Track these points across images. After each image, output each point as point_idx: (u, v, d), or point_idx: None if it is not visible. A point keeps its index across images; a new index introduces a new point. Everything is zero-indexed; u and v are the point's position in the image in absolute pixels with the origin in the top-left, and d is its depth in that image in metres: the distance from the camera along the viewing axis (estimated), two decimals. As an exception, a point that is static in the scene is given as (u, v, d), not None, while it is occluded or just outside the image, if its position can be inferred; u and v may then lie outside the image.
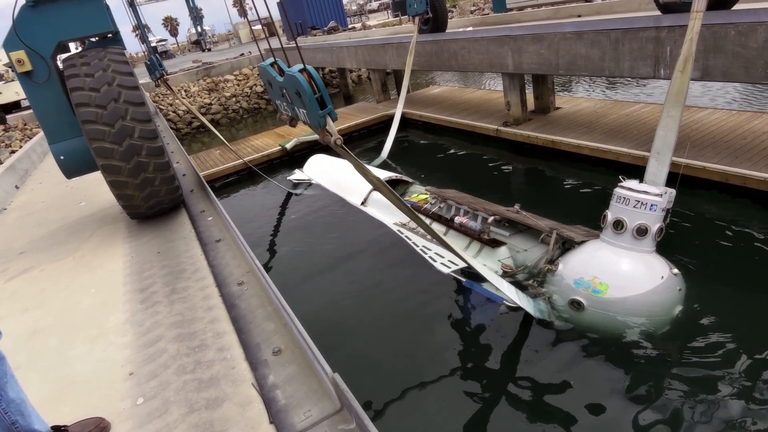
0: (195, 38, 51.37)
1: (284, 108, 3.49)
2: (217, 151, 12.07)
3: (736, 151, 6.41)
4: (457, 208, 6.16)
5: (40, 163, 11.65)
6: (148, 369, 3.16)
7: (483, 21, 16.41)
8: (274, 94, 3.53)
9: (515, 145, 9.12)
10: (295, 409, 2.60)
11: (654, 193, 4.26)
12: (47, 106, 5.29)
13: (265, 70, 3.45)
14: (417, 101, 12.81)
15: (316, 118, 3.00)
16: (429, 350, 4.55)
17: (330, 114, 3.02)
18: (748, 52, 5.37)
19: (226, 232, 5.18)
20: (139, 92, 4.99)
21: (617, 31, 6.65)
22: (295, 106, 3.23)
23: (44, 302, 4.41)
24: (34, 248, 5.82)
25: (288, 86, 3.14)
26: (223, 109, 20.36)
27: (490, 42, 8.97)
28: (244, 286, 3.96)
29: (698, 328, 4.15)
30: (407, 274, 5.76)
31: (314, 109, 2.97)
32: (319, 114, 2.97)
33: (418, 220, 3.77)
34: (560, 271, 4.57)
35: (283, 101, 3.42)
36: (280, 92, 3.34)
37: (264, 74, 3.50)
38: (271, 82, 3.44)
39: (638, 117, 8.43)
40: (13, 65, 4.99)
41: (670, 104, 4.52)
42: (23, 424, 2.32)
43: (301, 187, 9.40)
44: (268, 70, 3.39)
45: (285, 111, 3.51)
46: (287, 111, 3.46)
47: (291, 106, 3.29)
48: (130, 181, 5.07)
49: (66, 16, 5.08)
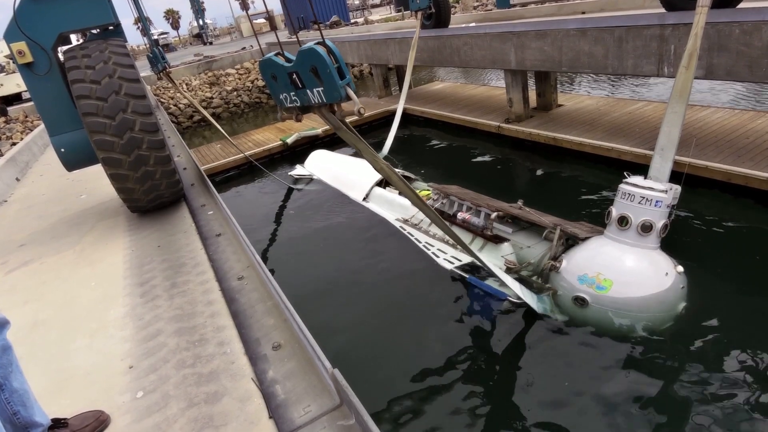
0: (197, 31, 51.15)
1: (290, 101, 3.38)
2: (217, 145, 12.05)
3: (739, 150, 6.40)
4: (460, 204, 6.13)
5: (41, 155, 11.63)
6: (148, 363, 3.15)
7: (486, 17, 16.34)
8: (279, 88, 3.41)
9: (517, 142, 9.10)
10: (294, 404, 2.59)
11: (659, 189, 4.24)
12: (48, 98, 5.27)
13: (268, 62, 3.33)
14: (419, 97, 12.78)
15: (337, 88, 2.92)
16: (430, 346, 4.54)
17: (349, 84, 2.96)
18: (753, 51, 5.35)
19: (226, 226, 5.17)
20: (140, 85, 4.97)
21: (621, 28, 6.62)
22: (307, 90, 3.14)
23: (44, 295, 4.41)
24: (34, 241, 5.82)
25: (301, 66, 3.02)
26: (225, 103, 20.32)
27: (493, 38, 8.94)
28: (244, 281, 3.95)
29: (700, 327, 4.15)
30: (409, 269, 5.75)
31: (334, 80, 2.88)
32: (340, 84, 2.91)
33: (426, 209, 3.68)
34: (564, 268, 4.55)
35: (290, 92, 3.31)
36: (287, 81, 3.24)
37: (267, 68, 3.38)
38: (276, 75, 3.33)
39: (641, 115, 8.41)
40: (14, 56, 4.97)
41: (674, 100, 4.50)
42: (25, 415, 2.32)
43: (302, 182, 9.38)
44: (274, 60, 3.29)
45: (292, 103, 3.39)
46: (295, 102, 3.35)
47: (302, 92, 3.18)
48: (131, 175, 5.06)
49: (67, 8, 5.04)
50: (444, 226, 3.78)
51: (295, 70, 3.11)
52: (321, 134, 11.45)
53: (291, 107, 3.45)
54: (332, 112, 3.20)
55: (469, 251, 4.08)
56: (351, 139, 3.32)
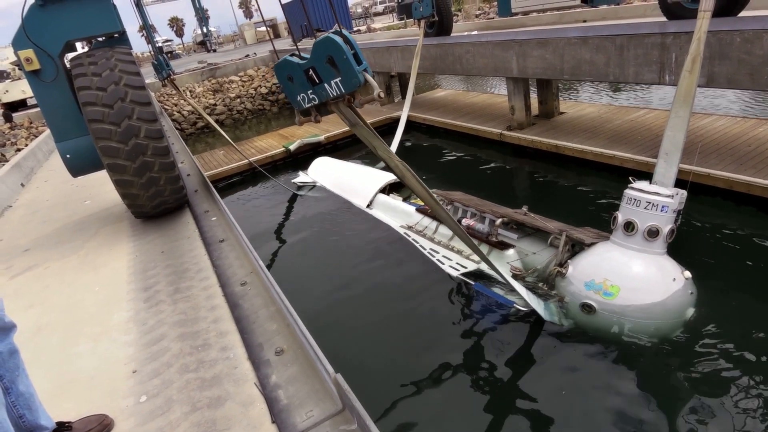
0: (200, 39, 51.47)
1: (308, 100, 3.36)
2: (221, 152, 12.11)
3: (741, 158, 6.41)
4: (464, 210, 6.11)
5: (45, 161, 11.71)
6: (151, 367, 3.17)
7: (488, 25, 16.44)
8: (296, 89, 3.36)
9: (519, 150, 9.12)
10: (297, 409, 2.61)
11: (665, 194, 4.21)
12: (54, 105, 5.34)
13: (284, 64, 3.26)
14: (421, 104, 12.83)
15: (355, 74, 2.92)
16: (434, 352, 4.52)
17: (366, 70, 2.98)
18: (754, 59, 5.38)
19: (229, 232, 5.20)
20: (145, 92, 5.03)
21: (622, 36, 6.66)
22: (325, 84, 3.11)
23: (48, 299, 4.43)
24: (38, 246, 5.85)
25: (317, 59, 3.04)
26: (228, 110, 20.43)
27: (494, 46, 8.99)
28: (247, 286, 3.97)
29: (706, 335, 4.12)
30: (413, 276, 5.73)
31: (352, 66, 2.89)
32: (358, 70, 2.93)
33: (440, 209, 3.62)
34: (570, 274, 4.52)
35: (307, 90, 3.29)
36: (304, 79, 3.23)
37: (283, 69, 3.35)
38: (292, 75, 3.29)
39: (642, 122, 8.43)
40: (22, 64, 5.03)
41: (678, 104, 4.48)
42: (30, 418, 2.34)
43: (305, 189, 9.41)
44: (289, 59, 3.27)
45: (310, 102, 3.36)
46: (313, 100, 3.33)
47: (319, 87, 3.17)
48: (136, 180, 5.10)
49: (74, 16, 5.12)
50: (457, 227, 3.73)
51: (312, 65, 3.10)
52: (323, 141, 11.50)
53: (308, 108, 3.42)
54: (349, 107, 3.19)
55: (480, 254, 3.98)
56: (367, 135, 3.30)
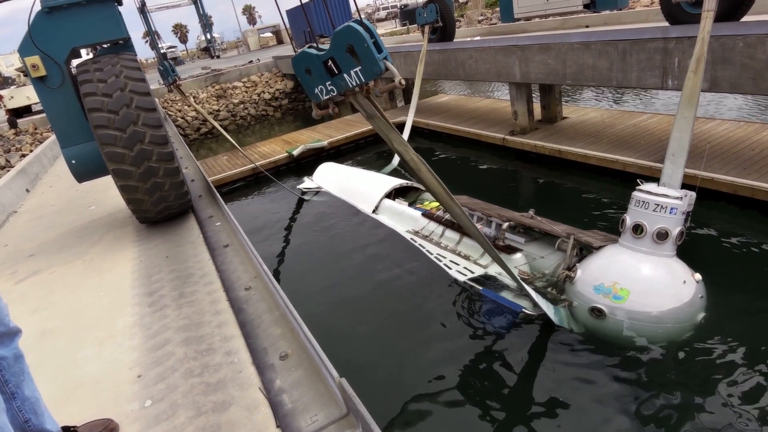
0: (204, 45, 51.80)
1: (326, 92, 3.32)
2: (224, 157, 12.16)
3: (745, 162, 6.40)
4: (470, 214, 6.05)
5: (50, 166, 11.77)
6: (156, 372, 3.18)
7: (491, 30, 16.48)
8: (314, 81, 3.31)
9: (522, 154, 9.13)
10: (301, 413, 2.60)
11: (674, 196, 4.18)
12: (60, 111, 5.37)
13: (302, 56, 3.27)
14: (424, 110, 12.86)
15: (376, 62, 2.91)
16: (440, 357, 4.50)
17: (386, 58, 2.98)
18: (757, 64, 5.38)
19: (233, 237, 5.21)
20: (150, 98, 5.06)
21: (625, 41, 6.67)
22: (344, 74, 3.09)
23: (53, 304, 4.45)
24: (43, 251, 5.88)
25: (337, 49, 3.02)
26: (231, 115, 20.53)
27: (497, 51, 9.02)
28: (251, 291, 3.98)
29: (713, 339, 4.09)
30: (420, 281, 5.72)
31: (373, 54, 2.88)
32: (379, 57, 2.93)
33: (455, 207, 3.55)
34: (579, 278, 4.47)
35: (326, 81, 3.27)
36: (322, 71, 3.22)
37: (301, 62, 3.31)
38: (310, 68, 3.25)
39: (645, 127, 8.44)
40: (28, 70, 5.08)
41: (683, 105, 4.47)
42: (36, 423, 2.34)
43: (310, 194, 9.43)
44: (308, 51, 3.23)
45: (328, 94, 3.32)
46: (332, 92, 3.28)
47: (338, 78, 3.14)
48: (140, 186, 5.13)
49: (80, 23, 5.16)
50: (471, 225, 3.68)
51: (331, 56, 3.09)
52: (327, 146, 11.54)
53: (325, 101, 3.40)
54: (367, 97, 3.18)
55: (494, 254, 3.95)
56: (383, 127, 3.28)
